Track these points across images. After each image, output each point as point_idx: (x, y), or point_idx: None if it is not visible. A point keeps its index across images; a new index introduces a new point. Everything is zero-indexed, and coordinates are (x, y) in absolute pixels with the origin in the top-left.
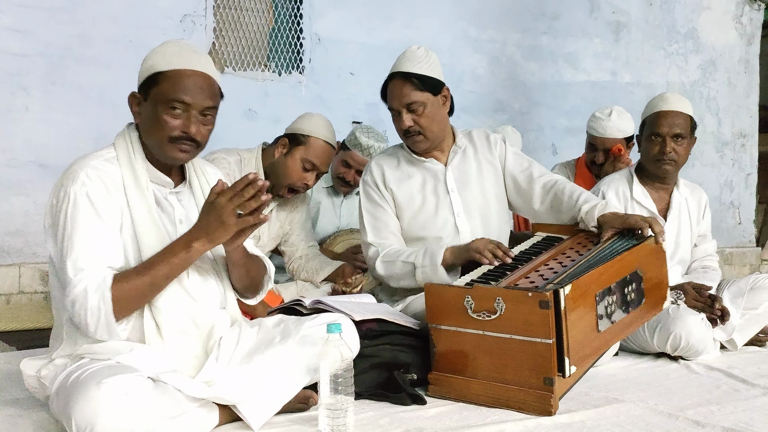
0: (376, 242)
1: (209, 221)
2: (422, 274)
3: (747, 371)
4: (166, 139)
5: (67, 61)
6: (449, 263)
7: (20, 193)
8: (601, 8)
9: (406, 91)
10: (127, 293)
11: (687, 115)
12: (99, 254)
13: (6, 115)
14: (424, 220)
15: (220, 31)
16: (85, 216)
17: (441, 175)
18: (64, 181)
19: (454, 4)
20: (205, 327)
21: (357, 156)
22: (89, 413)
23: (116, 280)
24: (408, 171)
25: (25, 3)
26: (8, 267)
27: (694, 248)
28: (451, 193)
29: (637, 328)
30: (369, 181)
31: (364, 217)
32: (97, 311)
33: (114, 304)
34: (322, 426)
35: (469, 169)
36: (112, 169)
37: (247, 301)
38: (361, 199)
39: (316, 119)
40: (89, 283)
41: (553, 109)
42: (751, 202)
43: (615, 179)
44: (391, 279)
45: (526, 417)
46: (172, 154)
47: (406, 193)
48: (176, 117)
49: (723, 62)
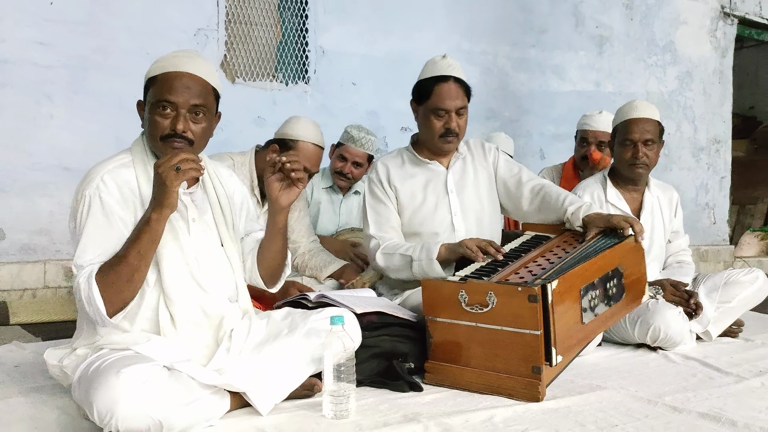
0: (377, 235)
1: (155, 191)
2: (418, 267)
3: (721, 360)
4: (158, 139)
5: (89, 72)
6: (443, 258)
7: (45, 195)
8: (585, 23)
9: (460, 95)
10: (108, 277)
11: (656, 121)
12: (100, 253)
13: (31, 122)
14: (423, 217)
15: (232, 44)
16: (95, 218)
17: (442, 176)
18: (82, 184)
19: (449, 19)
20: (215, 317)
21: (351, 148)
22: (109, 401)
23: (99, 269)
24: (411, 171)
25: (49, 17)
26: (34, 263)
27: (669, 244)
28: (450, 194)
29: (618, 321)
30: (374, 179)
31: (368, 211)
32: (88, 299)
33: (101, 290)
34: (326, 411)
35: (467, 174)
36: (127, 173)
37: (269, 290)
38: (365, 194)
39: (302, 123)
40: (81, 275)
41: (541, 117)
42: (725, 204)
43: (590, 184)
44: (389, 270)
45: (516, 403)
46: (164, 152)
47: (409, 191)
48: (165, 117)
49: (699, 73)
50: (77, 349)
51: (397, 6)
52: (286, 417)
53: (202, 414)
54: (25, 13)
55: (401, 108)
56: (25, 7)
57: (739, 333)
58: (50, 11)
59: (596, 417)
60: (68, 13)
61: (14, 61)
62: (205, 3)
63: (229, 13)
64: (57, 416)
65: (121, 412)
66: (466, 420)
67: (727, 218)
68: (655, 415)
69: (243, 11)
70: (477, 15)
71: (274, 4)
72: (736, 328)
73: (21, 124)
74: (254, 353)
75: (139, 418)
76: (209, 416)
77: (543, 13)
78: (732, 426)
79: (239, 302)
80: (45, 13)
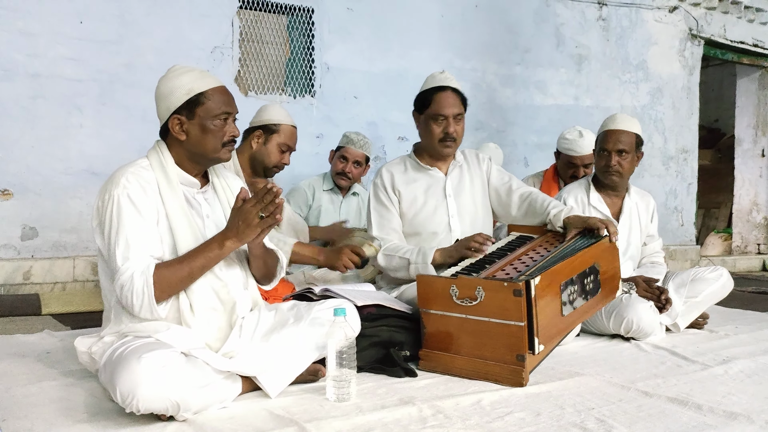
0: (379, 236)
1: (238, 223)
2: (414, 269)
3: (688, 350)
4: (220, 145)
5: (116, 86)
6: (438, 263)
7: (75, 197)
8: (566, 43)
9: (457, 103)
10: (167, 279)
11: (632, 133)
12: (141, 245)
13: (63, 131)
14: (424, 218)
15: (245, 60)
16: (128, 213)
17: (441, 182)
18: (108, 186)
19: (442, 39)
20: (229, 303)
21: (351, 149)
22: (131, 383)
23: (158, 267)
24: (414, 176)
25: (80, 36)
26: (65, 259)
27: (644, 246)
28: (448, 198)
29: (594, 314)
30: (379, 184)
31: (372, 214)
32: (141, 294)
33: (156, 287)
34: (329, 395)
35: (464, 180)
36: (148, 174)
37: (264, 287)
38: (370, 198)
39: (278, 109)
40: (135, 269)
41: (525, 128)
42: (691, 208)
43: (574, 188)
44: (389, 270)
45: (502, 387)
46: (224, 157)
47: (411, 195)
48: (225, 125)
49: (668, 89)
50: (104, 337)
51: (396, 27)
52: (292, 400)
53: (216, 396)
54: (58, 32)
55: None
56: (57, 26)
57: (705, 325)
58: (81, 30)
59: (575, 401)
60: (97, 32)
61: (48, 75)
62: (221, 24)
63: (242, 32)
64: (85, 398)
65: (142, 393)
66: (457, 403)
67: (694, 221)
68: (628, 399)
69: (255, 31)
70: (468, 36)
71: (283, 25)
72: (702, 321)
73: (53, 133)
74: (263, 341)
75: (158, 400)
76: (222, 398)
77: (527, 34)
78: (698, 409)
79: (249, 291)
80: (76, 32)
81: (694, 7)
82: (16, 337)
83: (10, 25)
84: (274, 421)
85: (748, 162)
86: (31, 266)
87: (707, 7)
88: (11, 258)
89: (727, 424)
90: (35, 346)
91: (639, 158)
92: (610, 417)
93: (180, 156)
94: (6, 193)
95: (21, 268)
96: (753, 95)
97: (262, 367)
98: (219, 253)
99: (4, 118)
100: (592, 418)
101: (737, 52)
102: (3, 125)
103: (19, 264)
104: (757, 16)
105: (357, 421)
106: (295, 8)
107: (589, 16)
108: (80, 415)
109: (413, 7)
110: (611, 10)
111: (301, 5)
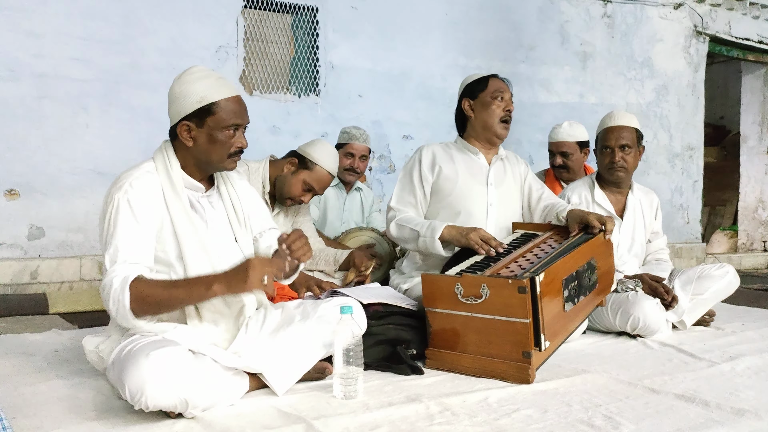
0: (396, 207)
1: (237, 272)
2: (423, 242)
3: (695, 347)
4: (226, 156)
5: (121, 86)
6: (446, 239)
7: (81, 197)
8: (570, 41)
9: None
10: (143, 294)
11: (632, 128)
12: (130, 251)
13: (69, 131)
14: (460, 195)
15: (249, 59)
16: (124, 218)
17: (485, 169)
18: (112, 189)
19: (446, 37)
20: (235, 305)
21: (356, 144)
22: (140, 380)
23: (139, 280)
24: (456, 156)
25: (85, 36)
26: (71, 258)
27: (649, 243)
28: (489, 186)
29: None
30: (417, 159)
31: (397, 185)
32: (117, 300)
33: (131, 298)
34: (336, 392)
35: (506, 173)
36: (152, 179)
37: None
38: (402, 170)
39: (326, 149)
40: (117, 275)
41: (529, 126)
42: (697, 205)
43: (578, 185)
44: (400, 240)
45: (508, 385)
46: (229, 167)
47: (452, 171)
48: (234, 136)
49: (674, 86)
50: (112, 335)
51: (400, 25)
52: (300, 397)
53: (223, 394)
54: (63, 33)
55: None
56: (63, 26)
57: (711, 322)
58: (86, 31)
59: (582, 398)
60: (103, 32)
61: (54, 75)
62: (226, 23)
63: (247, 32)
64: (93, 396)
65: (150, 390)
66: (464, 400)
67: (700, 218)
68: (635, 396)
69: (260, 30)
70: (472, 34)
71: (288, 24)
72: (708, 318)
73: (59, 133)
74: (270, 338)
75: (166, 397)
76: (230, 396)
77: (532, 32)
78: (705, 406)
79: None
80: (82, 32)
81: (699, 4)
82: (24, 337)
83: (16, 25)
84: (282, 418)
85: (753, 159)
86: (38, 266)
87: (712, 4)
88: (18, 258)
89: (734, 420)
90: (43, 346)
91: (641, 153)
92: (617, 414)
93: (186, 160)
94: (13, 193)
95: (28, 267)
96: (758, 92)
97: (269, 364)
98: (203, 293)
99: (10, 118)
100: (599, 415)
101: (742, 49)
102: (9, 125)
103: (26, 264)
104: (762, 12)
105: (364, 418)
106: (300, 7)
107: (594, 14)
108: (89, 413)
109: (417, 5)
110: (616, 7)
111: (306, 4)
